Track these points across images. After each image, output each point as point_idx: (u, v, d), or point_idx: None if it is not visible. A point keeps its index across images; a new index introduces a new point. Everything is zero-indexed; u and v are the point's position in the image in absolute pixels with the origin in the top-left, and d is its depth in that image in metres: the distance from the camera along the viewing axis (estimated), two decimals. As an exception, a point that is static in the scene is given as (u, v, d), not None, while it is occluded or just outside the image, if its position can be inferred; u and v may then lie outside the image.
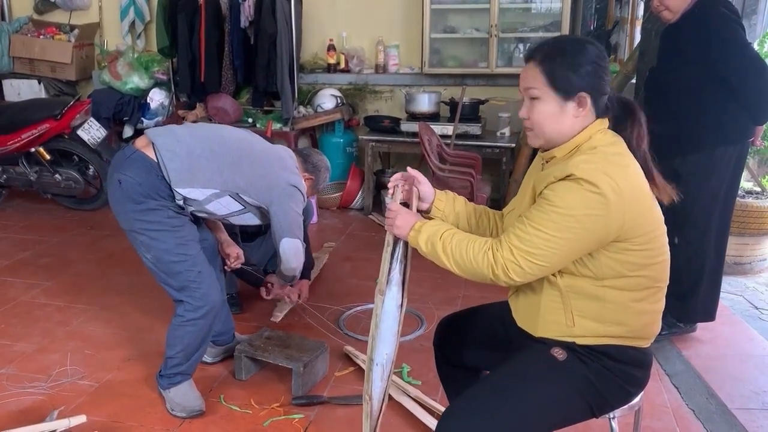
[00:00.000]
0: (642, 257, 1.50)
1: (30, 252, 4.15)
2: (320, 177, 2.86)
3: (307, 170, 2.78)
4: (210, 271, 2.44)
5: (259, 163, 2.50)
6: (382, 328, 1.64)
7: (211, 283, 2.41)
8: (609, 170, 1.43)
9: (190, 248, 2.37)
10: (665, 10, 2.70)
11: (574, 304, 1.54)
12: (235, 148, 2.48)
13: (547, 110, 1.53)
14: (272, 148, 2.66)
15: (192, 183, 2.34)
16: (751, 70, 2.60)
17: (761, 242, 4.00)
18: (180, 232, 2.35)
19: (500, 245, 1.49)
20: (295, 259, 2.58)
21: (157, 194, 2.30)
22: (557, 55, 1.52)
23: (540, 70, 1.53)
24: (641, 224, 1.47)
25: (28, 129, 4.57)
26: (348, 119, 5.29)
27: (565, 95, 1.51)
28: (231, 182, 2.41)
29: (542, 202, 1.47)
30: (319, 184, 2.88)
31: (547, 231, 1.43)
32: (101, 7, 5.87)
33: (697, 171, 2.74)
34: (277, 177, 2.51)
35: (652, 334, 1.61)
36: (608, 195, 1.40)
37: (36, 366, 2.78)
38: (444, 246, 1.56)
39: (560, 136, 1.54)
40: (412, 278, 1.74)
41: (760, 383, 2.68)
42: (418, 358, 2.77)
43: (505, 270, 1.48)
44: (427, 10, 4.92)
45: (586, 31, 4.95)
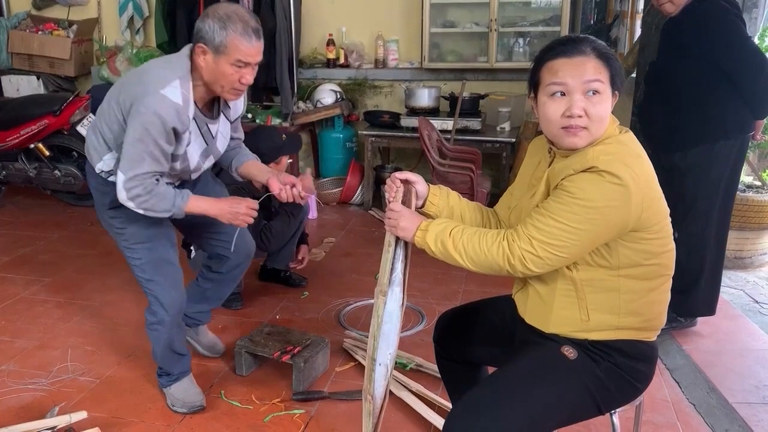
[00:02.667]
0: (656, 245, 1.51)
1: (30, 248, 4.15)
2: (211, 28, 1.94)
3: (196, 42, 1.99)
4: (167, 274, 2.30)
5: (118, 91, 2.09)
6: (385, 329, 1.63)
7: (166, 291, 2.30)
8: (628, 160, 1.44)
9: (136, 251, 2.25)
10: (667, 2, 2.69)
11: (589, 297, 1.54)
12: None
13: (606, 105, 1.50)
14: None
15: (100, 152, 2.15)
16: (752, 64, 2.59)
17: (762, 236, 4.00)
18: (123, 233, 2.24)
19: (517, 236, 1.49)
20: (118, 196, 2.05)
21: (94, 187, 2.24)
22: (609, 51, 1.52)
23: (602, 64, 1.49)
24: (655, 213, 1.48)
25: (27, 125, 4.57)
26: (348, 114, 5.28)
27: (616, 89, 1.52)
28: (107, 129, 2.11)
29: (561, 194, 1.46)
30: (222, 36, 1.93)
31: (568, 222, 1.43)
32: (100, 3, 5.86)
33: (698, 165, 2.74)
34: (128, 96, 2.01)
35: (659, 325, 1.62)
36: (630, 186, 1.41)
37: (36, 362, 2.78)
38: (455, 242, 1.55)
39: (601, 132, 1.52)
40: (413, 273, 1.74)
41: (761, 377, 2.68)
42: (419, 353, 2.77)
43: (522, 260, 1.47)
44: (427, 5, 4.91)
45: (587, 25, 4.93)
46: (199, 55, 2.00)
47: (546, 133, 1.57)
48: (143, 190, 2.01)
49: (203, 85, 2.06)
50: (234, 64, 1.98)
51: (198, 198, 2.18)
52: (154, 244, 2.28)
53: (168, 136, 1.99)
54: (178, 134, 2.03)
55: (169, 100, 1.94)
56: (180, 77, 1.99)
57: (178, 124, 1.99)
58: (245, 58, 1.99)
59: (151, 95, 1.93)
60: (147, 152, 1.97)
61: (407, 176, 1.76)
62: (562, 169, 1.49)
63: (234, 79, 2.01)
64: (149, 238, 2.26)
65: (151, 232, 2.26)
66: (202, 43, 1.98)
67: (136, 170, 1.98)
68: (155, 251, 2.28)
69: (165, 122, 1.95)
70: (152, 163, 2.01)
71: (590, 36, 1.55)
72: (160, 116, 1.93)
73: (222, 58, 1.97)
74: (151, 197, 2.03)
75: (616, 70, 1.51)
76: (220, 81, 2.02)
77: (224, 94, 2.09)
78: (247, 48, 1.98)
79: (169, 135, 1.99)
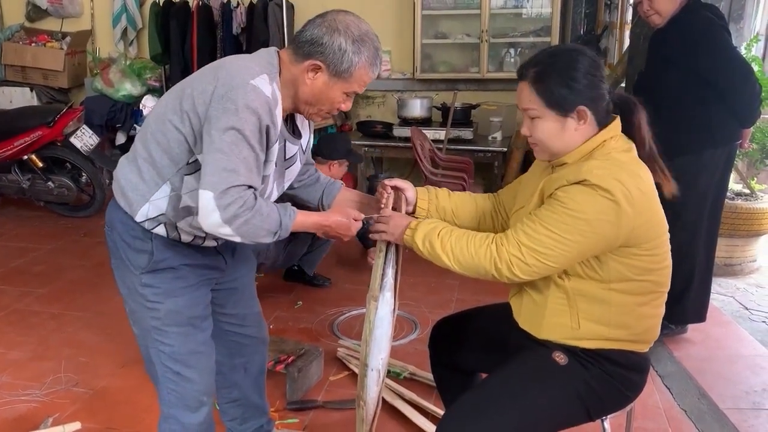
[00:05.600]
0: (648, 262, 1.51)
1: (23, 260, 4.15)
2: (341, 49, 1.55)
3: (309, 55, 1.56)
4: (203, 369, 1.78)
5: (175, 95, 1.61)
6: (377, 334, 1.64)
7: (195, 393, 1.77)
8: (622, 177, 1.44)
9: (169, 336, 1.71)
10: (654, 14, 2.74)
11: (580, 306, 1.55)
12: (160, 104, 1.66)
13: (547, 128, 1.53)
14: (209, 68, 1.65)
15: (144, 193, 1.60)
16: (738, 74, 2.64)
17: (751, 244, 4.04)
18: (157, 309, 1.68)
19: (506, 240, 1.49)
20: (205, 222, 1.51)
21: (127, 243, 1.66)
22: (550, 73, 1.51)
23: (534, 91, 1.52)
24: (649, 231, 1.49)
25: (21, 136, 4.58)
26: (341, 125, 5.31)
27: (564, 112, 1.51)
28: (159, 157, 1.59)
29: (554, 203, 1.47)
30: (351, 62, 1.56)
31: (558, 232, 1.44)
32: (93, 15, 5.88)
33: (686, 173, 2.75)
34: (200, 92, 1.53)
35: (652, 338, 1.63)
36: (620, 202, 1.42)
37: (30, 373, 2.77)
38: (443, 243, 1.55)
39: (565, 149, 1.54)
40: (406, 282, 1.76)
41: (751, 383, 2.70)
42: (413, 361, 2.78)
43: (509, 265, 1.48)
44: (419, 16, 4.96)
45: (576, 36, 4.98)
46: (306, 72, 1.57)
47: None
48: (243, 207, 1.48)
49: (290, 97, 1.62)
50: (347, 92, 1.61)
51: (303, 213, 1.66)
52: (196, 328, 1.75)
53: (261, 138, 1.53)
54: (269, 140, 1.56)
55: (261, 91, 1.49)
56: (268, 73, 1.55)
57: (271, 123, 1.53)
58: (361, 89, 1.64)
59: (240, 88, 1.48)
60: (240, 158, 1.48)
61: (397, 183, 1.79)
62: (557, 179, 1.50)
63: (336, 105, 1.64)
64: (191, 320, 1.73)
65: (196, 312, 1.74)
66: (320, 61, 1.55)
67: (231, 181, 1.47)
68: (194, 338, 1.75)
69: (260, 118, 1.50)
70: (247, 174, 1.50)
71: (549, 54, 1.57)
72: (254, 110, 1.48)
73: (339, 83, 1.58)
74: (254, 215, 1.50)
75: (551, 95, 1.50)
76: (320, 103, 1.62)
77: (312, 116, 1.68)
78: (370, 79, 1.63)
79: (262, 137, 1.53)
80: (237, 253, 1.87)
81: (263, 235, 1.56)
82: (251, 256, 2.00)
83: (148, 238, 1.64)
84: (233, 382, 2.04)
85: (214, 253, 1.76)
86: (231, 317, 1.94)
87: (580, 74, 1.49)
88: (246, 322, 1.98)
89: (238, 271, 1.90)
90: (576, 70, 1.49)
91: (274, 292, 3.59)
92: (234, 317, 1.95)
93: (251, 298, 2.00)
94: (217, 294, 1.86)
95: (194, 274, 1.72)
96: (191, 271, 1.71)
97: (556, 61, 1.52)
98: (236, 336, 1.97)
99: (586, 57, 1.52)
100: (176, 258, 1.67)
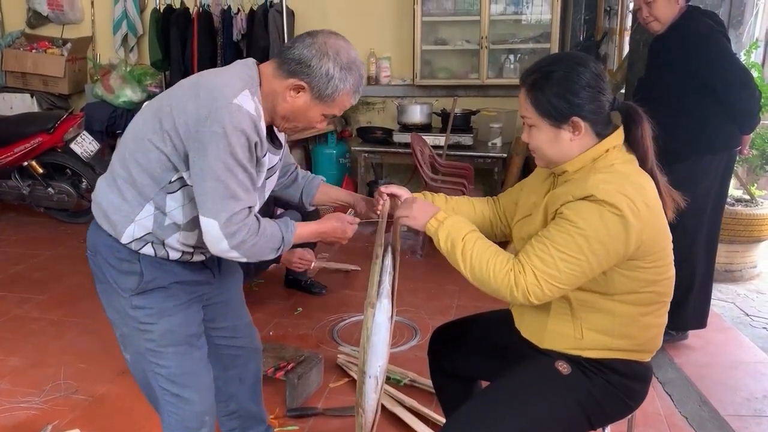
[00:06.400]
0: (653, 274, 1.51)
1: (23, 266, 4.14)
2: (328, 75, 1.55)
3: (294, 74, 1.55)
4: (202, 388, 1.77)
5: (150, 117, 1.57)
6: (375, 340, 1.64)
7: (197, 414, 1.76)
8: (628, 191, 1.42)
9: (165, 357, 1.68)
10: (654, 20, 2.74)
11: (584, 316, 1.54)
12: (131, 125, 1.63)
13: (542, 137, 1.53)
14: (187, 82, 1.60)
15: (128, 213, 1.58)
16: (737, 80, 2.64)
17: (751, 249, 4.04)
18: (150, 331, 1.65)
19: (522, 268, 1.46)
20: (213, 248, 1.54)
21: (113, 266, 1.64)
22: (546, 82, 1.49)
23: (529, 99, 1.52)
24: (654, 243, 1.48)
25: (21, 143, 4.59)
26: (341, 131, 5.33)
27: (557, 122, 1.50)
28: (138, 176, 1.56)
29: (563, 223, 1.45)
30: (335, 89, 1.56)
31: (571, 253, 1.42)
32: (94, 21, 5.90)
33: (686, 179, 2.74)
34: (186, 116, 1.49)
35: (655, 347, 1.63)
36: (628, 217, 1.40)
37: (29, 380, 2.77)
38: (464, 250, 1.53)
39: (562, 158, 1.54)
40: (406, 288, 1.76)
41: (752, 390, 2.69)
42: (412, 368, 2.77)
43: (526, 294, 1.45)
44: (419, 23, 4.97)
45: (576, 42, 4.99)
46: (289, 89, 1.55)
47: None
48: (249, 233, 1.52)
49: (268, 110, 1.60)
50: (326, 114, 1.62)
51: (301, 224, 1.72)
52: (192, 347, 1.73)
53: (252, 156, 1.53)
54: (258, 154, 1.56)
55: (245, 110, 1.47)
56: (249, 88, 1.53)
57: (258, 139, 1.53)
58: (340, 113, 1.65)
59: (223, 108, 1.45)
60: (237, 182, 1.49)
61: (393, 190, 1.79)
62: (561, 195, 1.49)
63: (313, 124, 1.65)
64: (187, 338, 1.71)
65: (191, 330, 1.72)
66: (305, 82, 1.54)
67: (232, 208, 1.49)
68: (191, 356, 1.72)
69: (248, 137, 1.49)
70: (246, 195, 1.52)
71: (550, 62, 1.54)
72: (242, 131, 1.46)
73: (320, 106, 1.58)
74: (260, 239, 1.55)
75: (544, 105, 1.49)
76: (297, 120, 1.62)
77: (286, 130, 1.68)
78: (350, 105, 1.64)
79: (252, 155, 1.53)
80: (224, 266, 1.85)
81: (268, 254, 1.60)
82: (237, 267, 1.96)
83: (136, 259, 1.61)
84: (229, 394, 2.03)
85: (202, 267, 1.75)
86: (222, 330, 1.92)
87: (579, 87, 1.47)
88: (237, 333, 1.96)
89: (226, 283, 1.89)
90: (575, 83, 1.47)
91: (274, 299, 3.59)
92: (225, 329, 1.93)
93: (240, 308, 1.99)
94: (207, 309, 1.84)
95: (185, 291, 1.70)
96: (182, 289, 1.69)
97: (555, 70, 1.50)
98: (229, 348, 1.95)
99: (588, 69, 1.49)
100: (166, 277, 1.65)
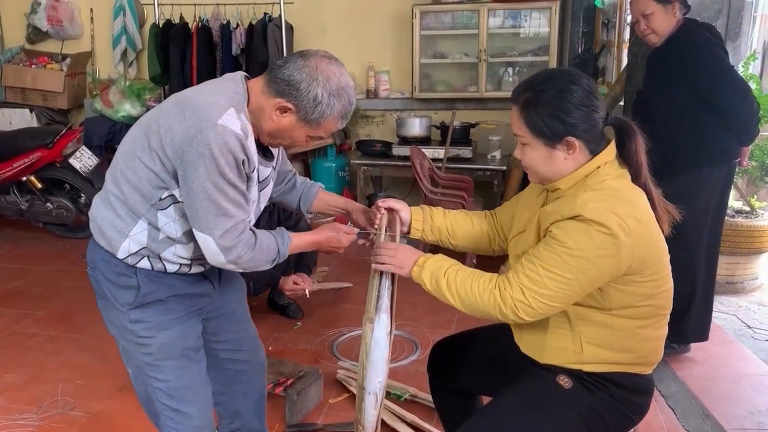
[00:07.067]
0: (650, 287, 1.50)
1: (21, 281, 4.13)
2: (316, 100, 1.54)
3: (282, 94, 1.55)
4: (202, 403, 1.78)
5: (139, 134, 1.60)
6: (374, 356, 1.63)
7: (193, 425, 1.75)
8: (617, 209, 1.41)
9: (163, 371, 1.69)
10: (651, 33, 2.75)
11: (582, 330, 1.53)
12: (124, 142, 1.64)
13: (536, 155, 1.52)
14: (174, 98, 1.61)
15: (122, 229, 1.60)
16: (735, 92, 2.65)
17: (752, 261, 4.03)
18: (148, 345, 1.66)
19: (509, 284, 1.48)
20: (212, 261, 1.60)
21: (111, 281, 1.67)
22: (538, 103, 1.48)
23: (522, 118, 1.51)
24: (649, 258, 1.47)
25: (20, 158, 4.58)
26: (340, 144, 5.33)
27: (551, 142, 1.49)
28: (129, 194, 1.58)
29: (552, 242, 1.45)
30: (321, 114, 1.56)
31: (560, 272, 1.42)
32: (93, 36, 5.92)
33: (685, 191, 2.75)
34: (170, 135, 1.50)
35: (656, 359, 1.61)
36: (618, 235, 1.40)
37: (27, 397, 2.75)
38: (448, 283, 1.55)
39: (556, 175, 1.53)
40: (406, 301, 1.75)
41: (755, 403, 2.67)
42: (413, 383, 2.75)
43: (515, 309, 1.46)
44: (417, 36, 4.99)
45: (574, 55, 5.01)
46: (275, 109, 1.56)
47: None
48: (245, 248, 1.58)
49: (254, 125, 1.60)
50: (312, 135, 1.63)
51: (296, 235, 1.76)
52: (190, 360, 1.73)
53: (240, 172, 1.54)
54: (247, 170, 1.58)
55: (230, 130, 1.48)
56: (234, 106, 1.53)
57: (245, 157, 1.54)
58: (326, 136, 1.67)
59: (209, 129, 1.46)
60: (227, 199, 1.52)
61: (390, 204, 1.79)
62: (552, 213, 1.49)
63: (297, 144, 1.68)
64: (185, 352, 1.71)
65: (189, 343, 1.72)
66: (292, 104, 1.54)
67: (225, 225, 1.53)
68: (189, 370, 1.73)
69: (235, 156, 1.50)
70: (237, 211, 1.55)
71: (543, 80, 1.51)
72: (229, 150, 1.48)
73: (306, 128, 1.59)
74: (255, 253, 1.61)
75: (538, 125, 1.48)
76: (281, 138, 1.63)
77: (272, 144, 1.69)
78: (337, 129, 1.66)
79: (241, 171, 1.54)
80: (224, 277, 1.85)
81: (263, 265, 1.67)
82: (240, 279, 1.97)
83: (133, 273, 1.63)
84: (234, 410, 2.01)
85: (201, 278, 1.74)
86: (226, 343, 1.91)
87: (572, 106, 1.46)
88: (242, 347, 1.95)
89: (227, 294, 1.88)
90: (568, 102, 1.46)
91: (272, 313, 3.56)
92: (229, 342, 1.91)
93: (245, 321, 1.97)
94: (209, 322, 1.84)
95: (182, 305, 1.70)
96: (179, 303, 1.69)
97: (547, 89, 1.48)
98: (233, 363, 1.94)
99: (581, 87, 1.47)
100: (163, 290, 1.65)
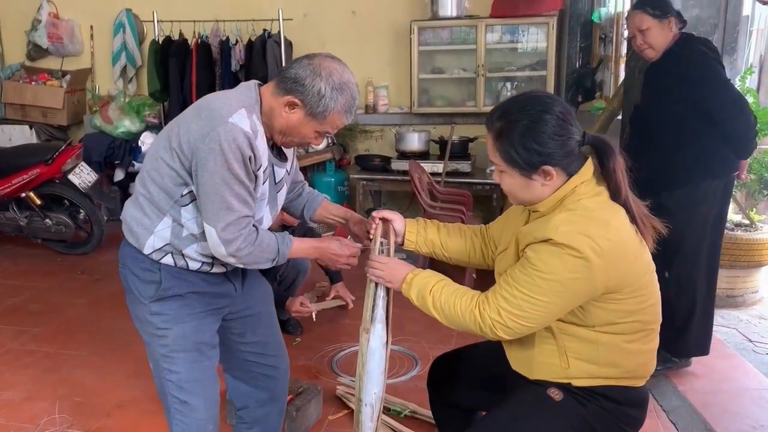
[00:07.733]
0: (632, 304, 1.50)
1: (20, 298, 4.11)
2: (320, 93, 1.64)
3: (289, 91, 1.66)
4: (209, 398, 1.86)
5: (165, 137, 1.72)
6: (369, 367, 1.64)
7: (202, 422, 1.84)
8: (589, 231, 1.41)
9: (176, 362, 1.78)
10: (648, 48, 2.76)
11: (568, 345, 1.53)
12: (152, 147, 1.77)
13: (514, 182, 1.52)
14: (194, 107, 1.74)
15: (148, 226, 1.72)
16: (732, 106, 2.65)
17: (752, 274, 4.01)
18: (164, 336, 1.77)
19: (488, 305, 1.51)
20: (214, 252, 1.69)
21: (137, 276, 1.77)
22: (511, 134, 1.46)
23: (496, 147, 1.50)
24: (627, 276, 1.47)
25: (19, 174, 4.59)
26: (339, 159, 5.34)
27: (527, 172, 1.48)
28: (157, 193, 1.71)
29: (526, 265, 1.46)
30: (326, 107, 1.66)
31: (534, 295, 1.44)
32: (93, 53, 5.95)
33: (684, 205, 2.76)
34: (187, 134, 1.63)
35: (647, 372, 1.60)
36: (590, 258, 1.40)
37: (24, 415, 2.73)
38: (434, 300, 1.59)
39: (535, 200, 1.53)
40: (406, 316, 1.75)
41: (757, 417, 2.66)
42: (414, 399, 2.74)
43: (493, 329, 1.50)
44: (415, 52, 5.02)
45: (572, 69, 5.04)
46: (284, 106, 1.66)
47: None
48: (246, 242, 1.66)
49: (267, 126, 1.72)
50: (320, 131, 1.72)
51: (299, 240, 1.85)
52: (203, 355, 1.82)
53: (248, 169, 1.63)
54: (254, 168, 1.67)
55: (239, 127, 1.59)
56: (245, 107, 1.64)
57: (252, 154, 1.63)
58: (333, 131, 1.76)
59: (220, 126, 1.58)
60: (233, 194, 1.62)
61: (385, 214, 1.81)
62: (527, 234, 1.49)
63: (307, 140, 1.75)
64: (197, 346, 1.81)
65: (203, 338, 1.82)
66: (298, 99, 1.64)
67: (228, 218, 1.62)
68: (201, 365, 1.82)
69: (243, 152, 1.60)
70: (241, 206, 1.64)
71: (516, 109, 1.48)
72: (238, 146, 1.58)
73: (313, 122, 1.68)
74: (255, 249, 1.69)
75: (512, 155, 1.46)
76: (292, 136, 1.72)
77: (284, 144, 1.78)
78: (342, 124, 1.74)
79: (249, 168, 1.63)
80: (248, 280, 1.94)
81: (263, 262, 1.75)
82: (265, 283, 2.06)
83: (156, 269, 1.74)
84: (258, 416, 2.08)
85: (224, 280, 1.84)
86: (252, 345, 1.99)
87: (546, 137, 1.43)
88: (268, 351, 2.02)
89: (252, 298, 1.96)
90: (541, 133, 1.43)
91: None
92: (255, 345, 1.99)
93: (272, 326, 2.05)
94: (234, 323, 1.94)
95: (201, 302, 1.79)
96: (198, 300, 1.79)
97: (519, 120, 1.46)
98: (260, 367, 2.01)
99: (553, 116, 1.44)
100: (183, 286, 1.76)
